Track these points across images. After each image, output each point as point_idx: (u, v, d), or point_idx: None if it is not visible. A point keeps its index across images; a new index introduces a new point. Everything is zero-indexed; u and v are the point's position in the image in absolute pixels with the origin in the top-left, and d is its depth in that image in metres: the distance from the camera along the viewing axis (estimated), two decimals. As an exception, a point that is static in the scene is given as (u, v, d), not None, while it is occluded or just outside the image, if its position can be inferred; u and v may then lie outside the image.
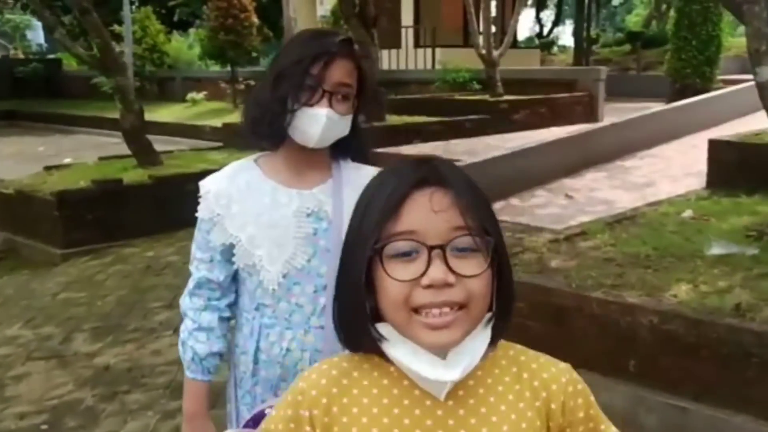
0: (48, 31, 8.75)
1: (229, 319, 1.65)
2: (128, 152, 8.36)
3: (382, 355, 0.97)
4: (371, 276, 0.93)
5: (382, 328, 0.95)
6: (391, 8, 16.71)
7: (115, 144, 13.45)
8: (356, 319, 0.96)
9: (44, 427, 3.47)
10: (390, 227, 0.91)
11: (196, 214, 1.61)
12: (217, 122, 13.53)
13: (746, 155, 5.57)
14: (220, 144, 10.21)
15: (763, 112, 4.24)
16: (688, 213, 4.75)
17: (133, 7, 20.53)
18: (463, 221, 0.90)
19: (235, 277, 1.62)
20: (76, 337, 4.63)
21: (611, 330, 3.16)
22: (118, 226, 6.80)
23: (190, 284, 1.64)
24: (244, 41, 16.09)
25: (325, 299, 1.53)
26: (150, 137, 8.19)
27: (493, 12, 13.59)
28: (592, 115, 11.66)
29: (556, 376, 0.98)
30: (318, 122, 1.48)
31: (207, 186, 1.59)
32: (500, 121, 10.14)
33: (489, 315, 0.96)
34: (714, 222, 4.48)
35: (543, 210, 6.16)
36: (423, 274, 0.89)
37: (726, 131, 7.60)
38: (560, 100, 11.39)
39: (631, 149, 9.21)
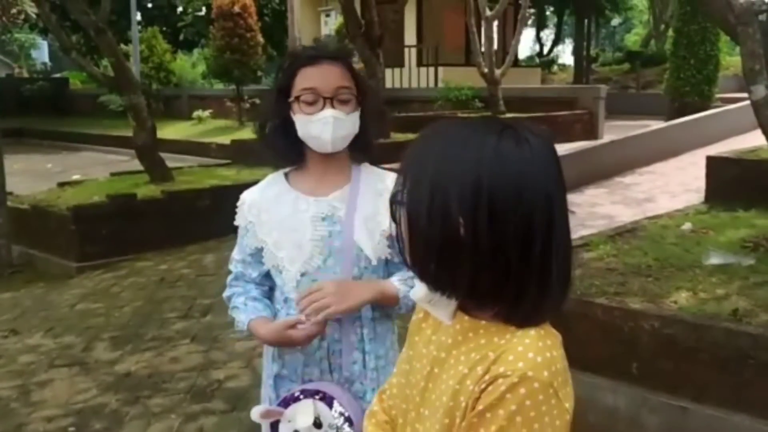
0: (63, 50, 8.94)
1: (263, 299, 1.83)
2: (137, 168, 8.56)
3: None
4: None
5: None
6: (394, 27, 16.96)
7: (121, 161, 13.69)
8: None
9: (72, 429, 3.61)
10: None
11: (235, 222, 1.83)
12: (223, 139, 13.76)
13: (743, 171, 5.75)
14: (228, 161, 10.39)
15: (760, 130, 4.42)
16: (687, 226, 4.91)
17: (140, 26, 20.84)
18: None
19: (268, 274, 1.80)
20: (96, 346, 4.78)
21: (614, 335, 3.31)
22: (132, 240, 6.96)
23: (230, 278, 1.86)
24: (249, 60, 16.36)
25: None
26: (158, 154, 8.38)
27: (495, 31, 13.81)
28: (592, 133, 11.86)
29: (497, 373, 0.94)
30: (327, 125, 1.66)
31: (243, 198, 1.82)
32: (503, 138, 10.28)
33: None
34: (712, 234, 4.64)
35: (546, 224, 6.31)
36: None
37: (724, 148, 7.78)
38: (561, 117, 11.59)
39: (631, 166, 9.40)
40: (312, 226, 1.70)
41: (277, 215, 1.73)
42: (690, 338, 3.09)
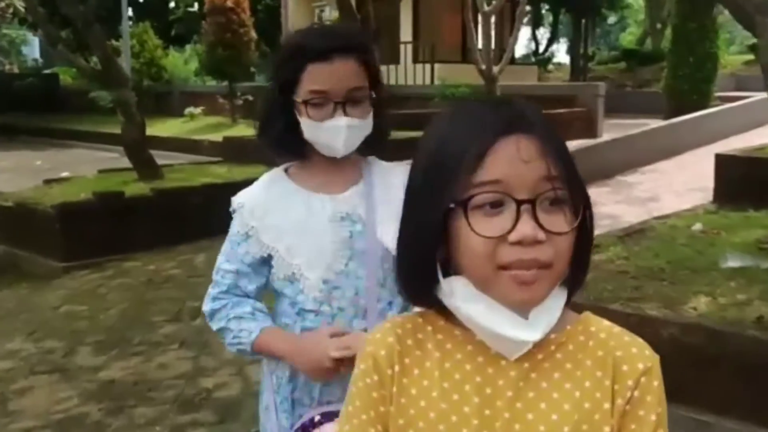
0: (50, 43, 8.72)
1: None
2: (127, 166, 8.32)
3: (447, 317, 0.91)
4: (444, 227, 0.86)
5: (455, 282, 0.88)
6: (389, 24, 16.78)
7: (112, 158, 13.43)
8: (424, 273, 0.89)
9: (50, 441, 3.40)
10: (473, 177, 0.83)
11: (230, 228, 1.57)
12: (216, 137, 13.53)
13: (752, 169, 5.57)
14: (220, 159, 10.16)
15: (760, 128, 4.24)
16: (698, 226, 4.73)
17: (131, 22, 20.58)
18: (552, 172, 0.83)
19: (266, 287, 1.57)
20: (79, 351, 4.55)
21: (630, 343, 3.11)
22: (119, 239, 6.72)
23: (215, 291, 1.57)
24: (242, 56, 16.12)
25: (366, 301, 1.49)
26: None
27: (492, 28, 13.63)
28: (591, 131, 11.70)
29: (632, 359, 0.89)
30: (339, 134, 1.45)
31: (240, 200, 1.56)
32: (501, 136, 10.13)
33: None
34: (725, 235, 4.46)
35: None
36: (511, 231, 0.82)
37: (725, 147, 7.64)
38: (560, 115, 11.41)
39: (633, 165, 9.25)
40: (331, 228, 1.49)
41: (287, 217, 1.51)
42: (712, 347, 2.90)
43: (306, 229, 1.50)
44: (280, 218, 1.51)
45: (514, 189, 0.82)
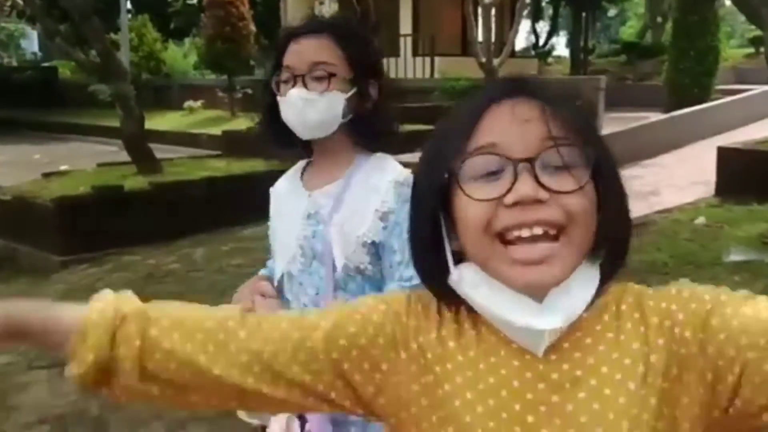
0: (47, 36, 8.67)
1: None
2: (126, 160, 8.29)
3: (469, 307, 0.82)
4: (451, 209, 0.79)
5: (465, 268, 0.80)
6: (389, 16, 16.71)
7: (111, 152, 13.38)
8: (435, 260, 0.81)
9: (49, 437, 3.38)
10: (467, 145, 0.76)
11: None
12: (215, 130, 13.48)
13: (755, 162, 5.55)
14: (219, 152, 10.13)
15: (761, 122, 4.21)
16: (700, 220, 4.71)
17: (130, 15, 20.50)
18: (554, 132, 0.74)
19: None
20: (78, 346, 4.53)
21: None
22: (118, 233, 6.69)
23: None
24: (241, 50, 16.05)
25: (325, 303, 1.44)
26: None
27: (492, 21, 13.58)
28: (592, 125, 11.65)
29: (682, 304, 0.79)
30: (294, 106, 1.43)
31: (272, 188, 1.66)
32: (501, 129, 10.11)
33: (598, 251, 0.79)
34: (728, 229, 4.44)
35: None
36: (508, 191, 0.73)
37: (725, 140, 7.60)
38: (560, 109, 11.37)
39: (633, 158, 9.21)
40: (300, 225, 1.50)
41: (280, 210, 1.60)
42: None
43: (283, 222, 1.57)
44: (277, 209, 1.61)
45: (510, 149, 0.75)
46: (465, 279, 0.80)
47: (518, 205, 0.73)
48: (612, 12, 32.95)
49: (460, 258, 0.82)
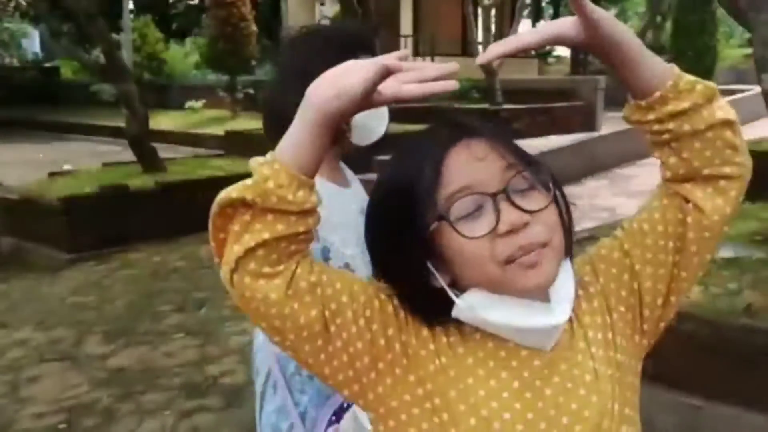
0: (53, 36, 8.77)
1: None
2: (129, 159, 8.40)
3: (460, 329, 0.91)
4: (431, 251, 0.88)
5: (470, 296, 0.89)
6: (389, 17, 16.81)
7: (113, 151, 13.49)
8: (436, 302, 0.89)
9: (62, 426, 3.50)
10: (439, 194, 0.86)
11: None
12: (217, 130, 13.57)
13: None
14: (221, 152, 10.22)
15: (760, 121, 4.31)
16: (693, 218, 4.82)
17: (132, 15, 20.60)
18: (509, 159, 0.88)
19: None
20: (87, 340, 4.64)
21: (625, 331, 3.21)
22: (124, 231, 6.81)
23: None
24: (243, 50, 16.14)
25: None
26: (151, 144, 8.22)
27: (492, 21, 13.67)
28: (590, 124, 11.72)
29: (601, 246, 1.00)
30: (383, 119, 1.53)
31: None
32: (500, 129, 10.19)
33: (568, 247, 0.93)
34: (720, 227, 4.55)
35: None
36: (498, 223, 0.85)
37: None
38: (559, 109, 11.44)
39: (630, 158, 9.31)
40: (361, 221, 1.51)
41: (335, 210, 1.44)
42: (704, 334, 2.99)
43: (350, 222, 1.46)
44: (330, 211, 1.43)
45: (483, 186, 0.86)
46: (475, 305, 0.88)
47: (511, 232, 0.85)
48: (612, 12, 33.00)
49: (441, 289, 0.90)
